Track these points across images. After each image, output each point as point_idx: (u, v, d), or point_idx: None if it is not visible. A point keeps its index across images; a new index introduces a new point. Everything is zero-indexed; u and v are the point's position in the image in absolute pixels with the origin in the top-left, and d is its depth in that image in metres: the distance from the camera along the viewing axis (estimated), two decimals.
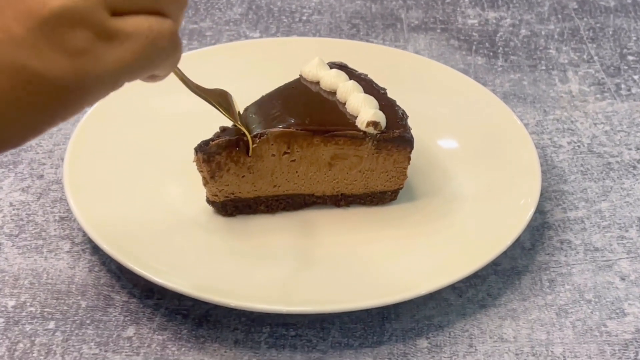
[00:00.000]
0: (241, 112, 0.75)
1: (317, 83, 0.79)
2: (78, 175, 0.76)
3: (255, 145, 0.73)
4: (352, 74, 0.80)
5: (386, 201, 0.79)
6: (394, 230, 0.77)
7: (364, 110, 0.74)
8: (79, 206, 0.73)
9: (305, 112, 0.75)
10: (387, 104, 0.77)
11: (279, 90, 0.78)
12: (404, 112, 0.77)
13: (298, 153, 0.75)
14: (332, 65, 0.80)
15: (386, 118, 0.75)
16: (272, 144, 0.73)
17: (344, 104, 0.76)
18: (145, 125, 0.85)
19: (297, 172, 0.76)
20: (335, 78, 0.78)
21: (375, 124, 0.74)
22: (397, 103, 0.78)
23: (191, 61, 0.93)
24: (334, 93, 0.78)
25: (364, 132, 0.74)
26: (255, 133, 0.73)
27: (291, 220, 0.77)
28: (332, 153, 0.75)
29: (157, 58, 0.46)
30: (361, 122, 0.74)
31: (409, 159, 0.77)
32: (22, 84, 0.41)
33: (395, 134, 0.75)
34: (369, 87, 0.78)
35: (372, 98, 0.76)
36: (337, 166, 0.76)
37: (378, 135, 0.75)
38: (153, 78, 0.50)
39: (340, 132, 0.74)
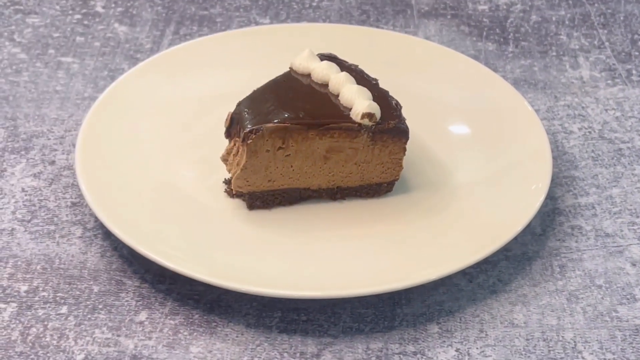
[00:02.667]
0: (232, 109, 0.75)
1: (308, 75, 0.78)
2: (90, 161, 0.76)
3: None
4: (342, 65, 0.79)
5: (382, 193, 0.79)
6: (400, 218, 0.76)
7: (358, 102, 0.74)
8: (90, 192, 0.73)
9: (298, 105, 0.75)
10: (380, 95, 0.76)
11: (270, 84, 0.77)
12: (397, 103, 0.76)
13: (293, 147, 0.74)
14: (322, 57, 0.79)
15: (380, 109, 0.74)
16: (267, 140, 0.73)
17: (337, 96, 0.76)
18: (156, 110, 0.85)
19: (292, 166, 0.75)
20: (326, 70, 0.77)
21: (370, 115, 0.73)
22: (407, 90, 0.78)
23: (202, 48, 0.93)
24: (325, 85, 0.77)
25: (359, 124, 0.74)
26: (249, 129, 0.72)
27: (293, 212, 0.77)
28: (327, 146, 0.75)
29: None
30: (356, 114, 0.74)
31: (405, 149, 0.77)
32: None
33: (390, 125, 0.75)
34: (361, 78, 0.77)
35: (365, 89, 0.75)
36: (333, 159, 0.76)
37: (373, 127, 0.74)
38: None
39: (335, 125, 0.74)
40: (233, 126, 0.75)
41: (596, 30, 1.06)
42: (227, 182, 0.77)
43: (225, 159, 0.77)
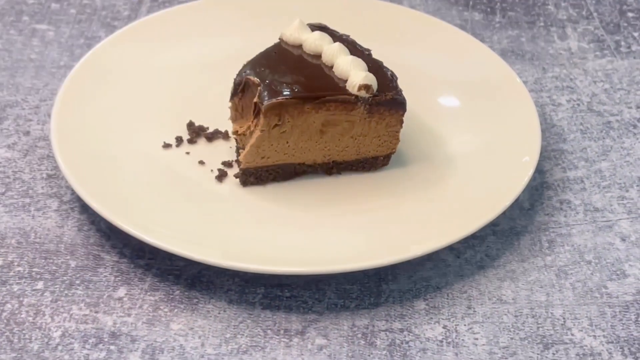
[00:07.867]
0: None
1: (299, 47, 0.76)
2: (66, 131, 0.74)
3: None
4: (334, 36, 0.77)
5: (378, 166, 0.77)
6: (391, 193, 0.75)
7: (354, 73, 0.71)
8: (67, 163, 0.71)
9: (292, 79, 0.72)
10: (374, 66, 0.74)
11: (261, 57, 0.75)
12: (393, 74, 0.74)
13: (289, 123, 0.72)
14: (313, 27, 0.77)
15: (376, 80, 0.72)
16: (265, 118, 0.71)
17: (331, 67, 0.73)
18: (134, 80, 0.82)
19: (287, 142, 0.73)
20: (319, 40, 0.75)
21: (367, 87, 0.71)
22: (392, 60, 0.75)
23: (181, 15, 0.91)
24: (318, 56, 0.75)
25: (356, 96, 0.72)
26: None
27: (285, 187, 0.75)
28: (323, 120, 0.73)
29: None
30: (352, 86, 0.71)
31: (402, 122, 0.75)
32: None
33: (387, 97, 0.73)
34: (354, 48, 0.75)
35: (360, 60, 0.73)
36: (329, 133, 0.74)
37: (370, 99, 0.72)
38: None
39: (332, 98, 0.71)
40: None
41: (584, 0, 1.04)
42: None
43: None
